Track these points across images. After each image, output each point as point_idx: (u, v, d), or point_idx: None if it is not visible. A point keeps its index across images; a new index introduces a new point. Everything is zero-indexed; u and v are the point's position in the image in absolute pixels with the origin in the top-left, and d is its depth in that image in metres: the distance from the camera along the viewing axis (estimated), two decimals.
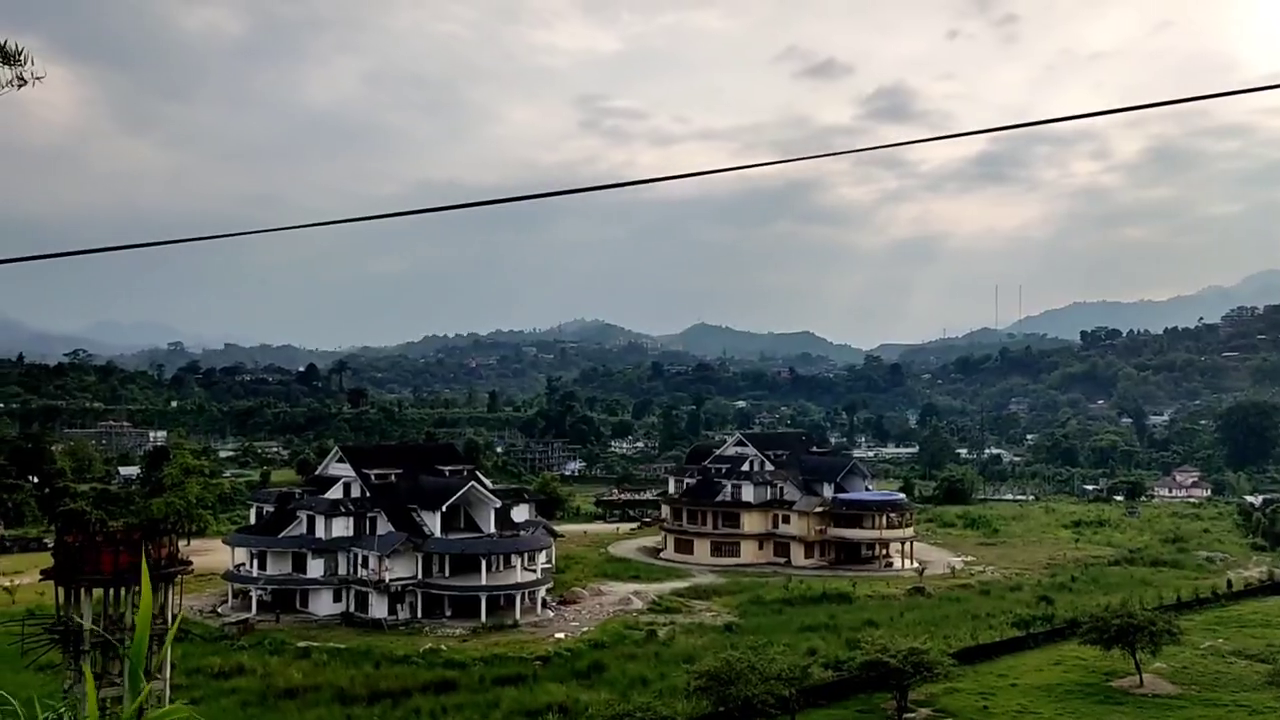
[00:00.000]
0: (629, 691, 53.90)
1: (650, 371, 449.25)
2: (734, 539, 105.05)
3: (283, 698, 54.53)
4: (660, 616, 76.19)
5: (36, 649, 47.39)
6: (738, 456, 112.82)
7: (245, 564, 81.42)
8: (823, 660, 60.08)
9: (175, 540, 51.43)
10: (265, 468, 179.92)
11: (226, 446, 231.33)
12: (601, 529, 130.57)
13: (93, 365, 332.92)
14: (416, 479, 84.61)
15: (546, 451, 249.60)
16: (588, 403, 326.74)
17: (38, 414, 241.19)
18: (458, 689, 56.87)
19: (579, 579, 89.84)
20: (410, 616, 75.88)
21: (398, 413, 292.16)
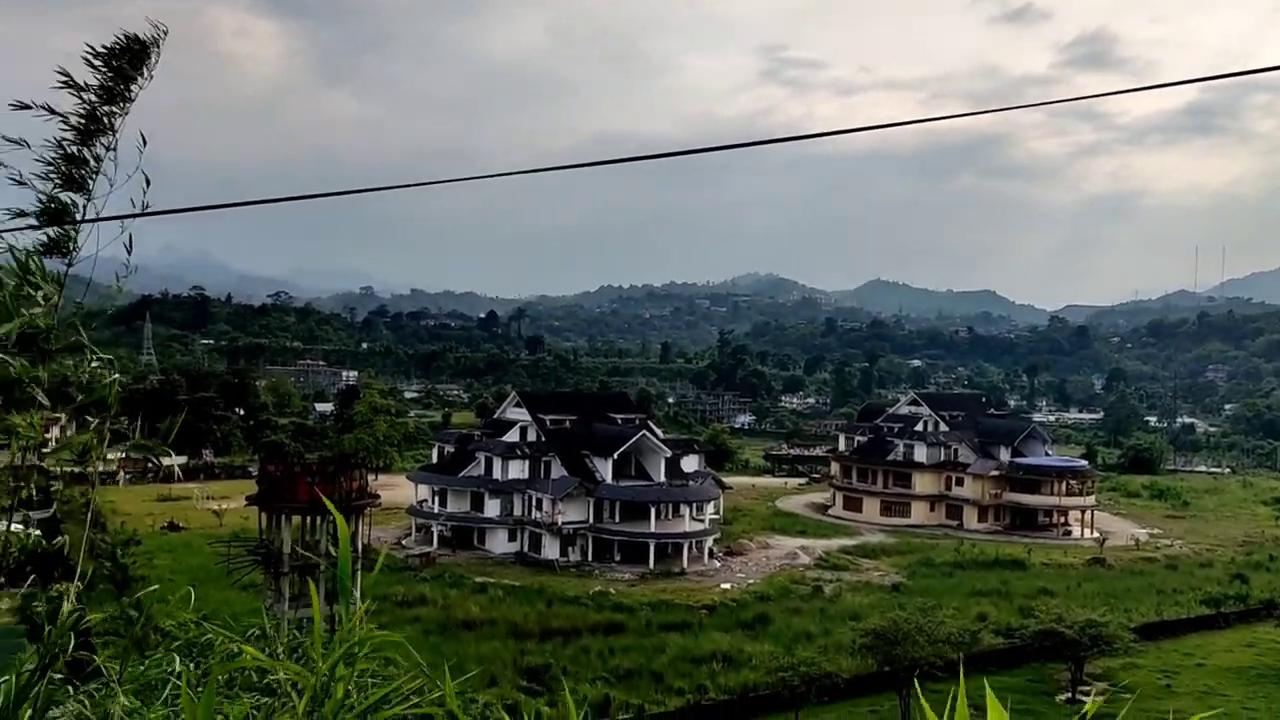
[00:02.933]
0: (793, 645, 54.13)
1: (823, 327, 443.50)
2: (904, 499, 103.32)
3: (461, 629, 57.38)
4: (826, 573, 75.96)
5: (240, 569, 51.39)
6: (911, 416, 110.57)
7: (427, 500, 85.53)
8: (993, 626, 58.78)
9: (364, 474, 54.60)
10: (446, 409, 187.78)
11: (411, 388, 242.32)
12: (769, 483, 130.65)
13: (292, 307, 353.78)
14: (590, 426, 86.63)
15: (717, 404, 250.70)
16: (759, 356, 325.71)
17: (243, 351, 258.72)
18: (625, 632, 58.43)
19: (746, 531, 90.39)
20: (581, 559, 78.19)
21: (573, 361, 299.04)
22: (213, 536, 72.85)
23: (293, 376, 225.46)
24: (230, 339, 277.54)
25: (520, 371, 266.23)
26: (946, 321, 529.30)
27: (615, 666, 52.27)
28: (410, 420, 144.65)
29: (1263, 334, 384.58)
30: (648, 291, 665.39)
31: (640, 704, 47.60)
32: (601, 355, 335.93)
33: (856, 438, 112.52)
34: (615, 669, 52.00)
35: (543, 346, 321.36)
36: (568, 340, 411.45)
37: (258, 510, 51.96)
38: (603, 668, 51.98)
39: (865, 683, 48.90)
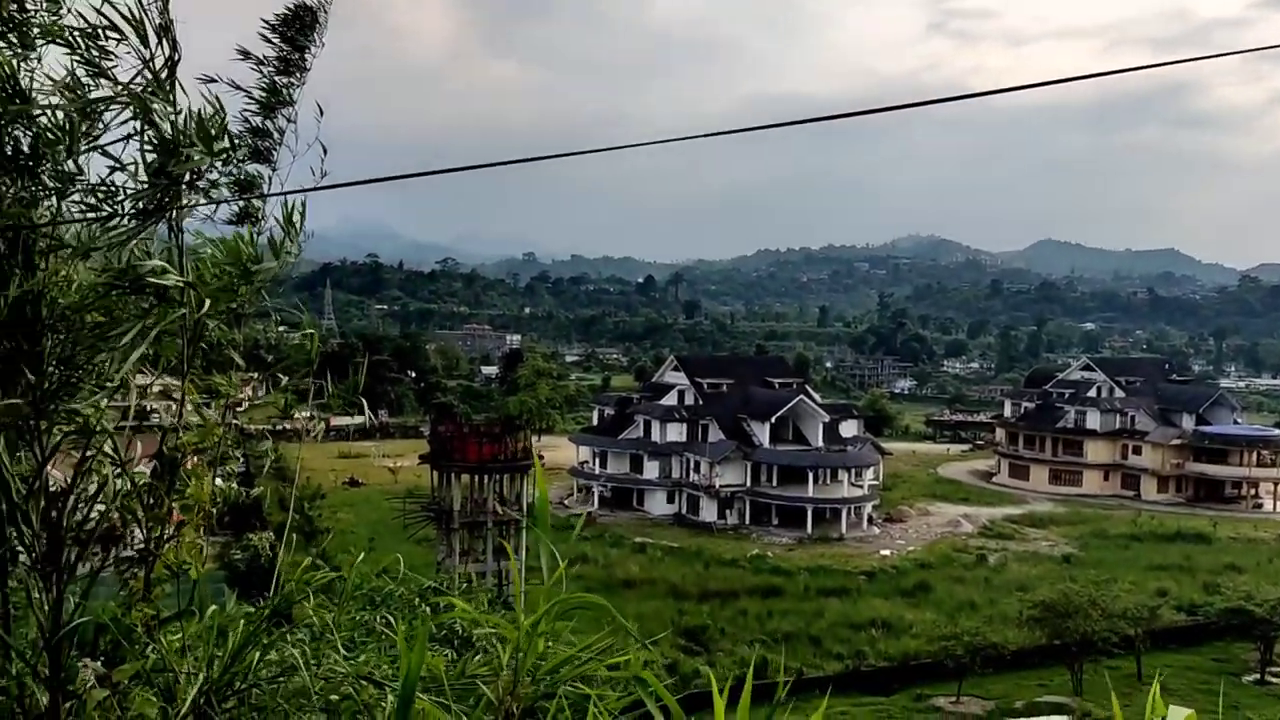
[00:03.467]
0: (956, 615, 53.05)
1: (988, 290, 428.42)
2: (1075, 468, 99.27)
3: (621, 587, 58.54)
4: (991, 542, 73.90)
5: (415, 524, 53.80)
6: (1083, 381, 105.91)
7: (588, 462, 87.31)
8: (1174, 602, 56.02)
9: (528, 435, 56.24)
10: (606, 373, 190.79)
11: (572, 351, 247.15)
12: (930, 449, 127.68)
13: (459, 273, 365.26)
14: (747, 390, 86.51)
15: (876, 368, 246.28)
16: (920, 320, 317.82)
17: (414, 316, 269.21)
18: (783, 595, 58.47)
19: (906, 498, 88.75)
20: (738, 522, 78.46)
21: (729, 325, 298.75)
22: (389, 493, 76.47)
23: (460, 340, 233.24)
24: (402, 304, 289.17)
25: (677, 336, 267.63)
26: (1123, 283, 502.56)
27: (773, 630, 52.40)
28: (571, 383, 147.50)
29: None
30: (805, 255, 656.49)
31: (798, 667, 47.62)
32: (758, 319, 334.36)
33: (1023, 404, 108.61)
34: (773, 632, 52.12)
35: (700, 311, 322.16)
36: (724, 305, 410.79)
37: (429, 468, 54.25)
38: (760, 630, 52.20)
39: (1033, 655, 47.51)
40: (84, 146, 2.80)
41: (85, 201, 2.88)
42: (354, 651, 3.35)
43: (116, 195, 2.89)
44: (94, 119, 2.78)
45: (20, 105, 2.66)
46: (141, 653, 2.82)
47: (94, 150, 2.84)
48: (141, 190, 2.90)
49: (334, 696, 2.98)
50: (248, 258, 3.12)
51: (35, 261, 2.73)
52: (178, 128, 2.83)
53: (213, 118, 3.04)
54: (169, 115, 2.91)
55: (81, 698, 2.72)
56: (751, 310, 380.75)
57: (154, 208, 2.93)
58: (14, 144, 2.72)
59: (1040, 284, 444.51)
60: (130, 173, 2.90)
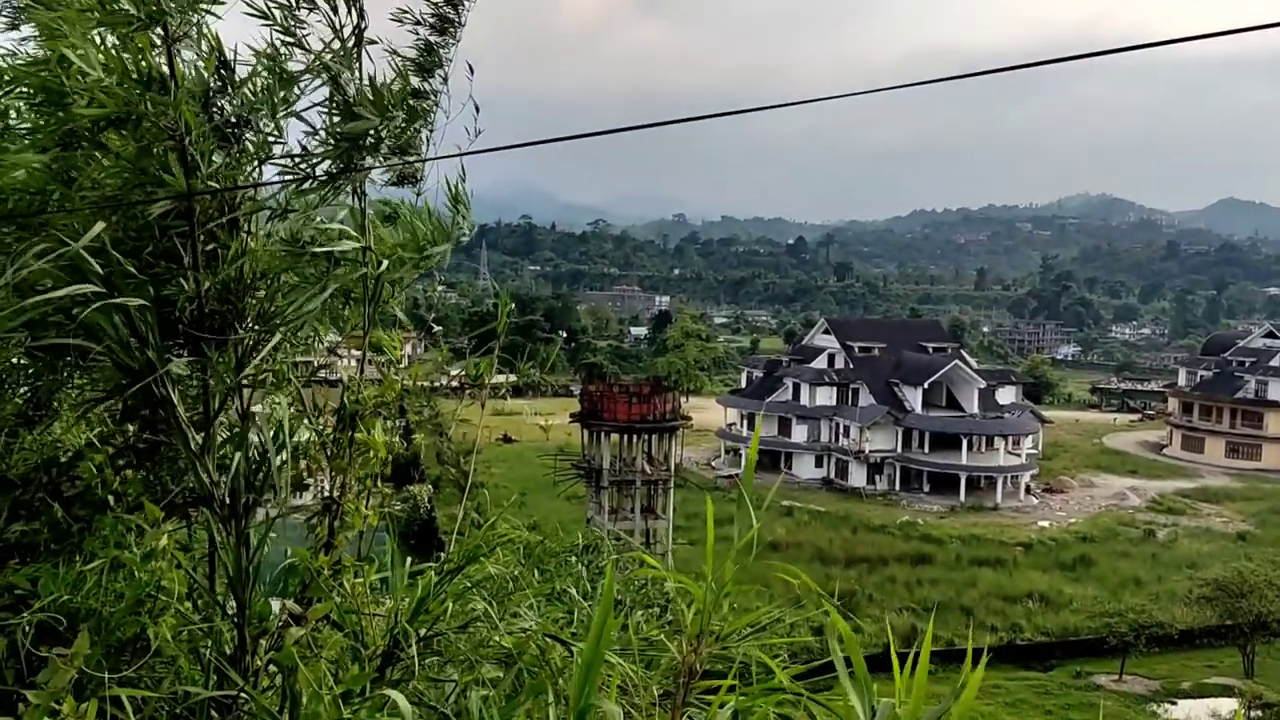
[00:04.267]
0: (1119, 590, 51.06)
1: (1163, 251, 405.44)
2: (1255, 440, 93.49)
3: (768, 549, 58.46)
4: (1160, 516, 70.54)
5: (564, 481, 55.02)
6: (1266, 349, 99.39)
7: (735, 424, 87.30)
8: None
9: (676, 397, 56.56)
10: (755, 335, 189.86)
11: (721, 313, 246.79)
12: (1095, 418, 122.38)
13: (609, 234, 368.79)
14: (899, 354, 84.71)
15: (1037, 333, 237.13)
16: (1086, 284, 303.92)
17: (565, 276, 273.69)
18: (933, 564, 57.40)
19: (1067, 468, 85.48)
20: (888, 488, 77.21)
21: (882, 288, 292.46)
22: (540, 450, 78.31)
23: (610, 301, 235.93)
24: (554, 265, 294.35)
25: (828, 298, 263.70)
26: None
27: (923, 598, 51.52)
28: (719, 345, 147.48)
29: None
30: (963, 215, 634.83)
31: (949, 637, 46.71)
32: (912, 282, 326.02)
33: (1200, 372, 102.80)
34: (922, 600, 51.23)
35: (851, 273, 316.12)
36: (877, 267, 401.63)
37: (579, 427, 55.27)
38: (909, 598, 51.43)
39: (1201, 636, 45.34)
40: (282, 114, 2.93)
41: (281, 166, 3.03)
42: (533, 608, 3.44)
43: (308, 160, 3.03)
44: (290, 87, 2.91)
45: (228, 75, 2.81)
46: (329, 595, 2.98)
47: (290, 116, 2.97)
48: (329, 153, 3.02)
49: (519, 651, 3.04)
50: (424, 239, 3.22)
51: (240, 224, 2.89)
52: (363, 94, 2.94)
53: (391, 83, 3.14)
54: (353, 82, 3.02)
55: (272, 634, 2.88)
56: (905, 273, 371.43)
57: (339, 171, 3.06)
58: (220, 112, 2.87)
59: (1220, 245, 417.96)
60: (321, 139, 3.03)
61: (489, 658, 3.04)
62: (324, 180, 3.04)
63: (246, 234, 2.89)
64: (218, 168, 2.81)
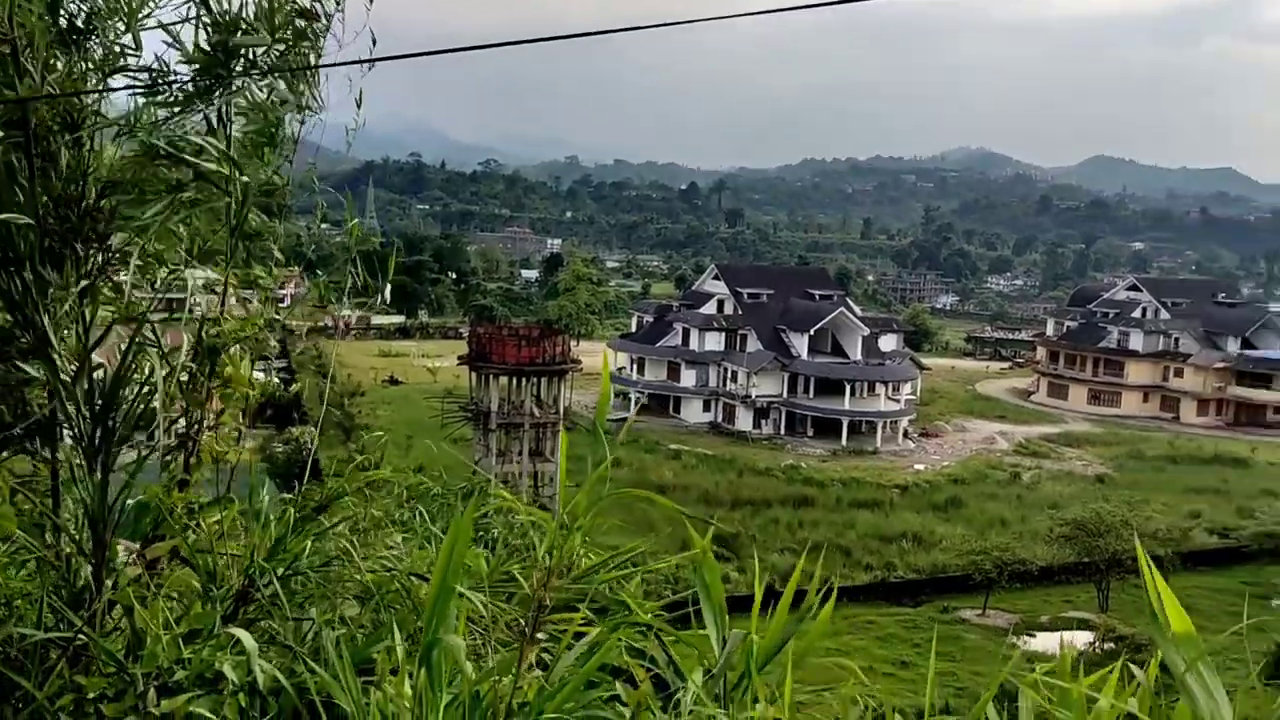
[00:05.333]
0: (986, 530, 53.37)
1: (1037, 206, 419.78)
2: (1115, 388, 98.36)
3: (655, 492, 59.24)
4: (1026, 460, 73.83)
5: (452, 424, 54.59)
6: (1128, 301, 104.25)
7: (626, 368, 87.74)
8: (1207, 525, 55.88)
9: (567, 340, 56.52)
10: (646, 280, 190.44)
11: (613, 257, 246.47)
12: (970, 366, 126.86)
13: (501, 175, 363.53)
14: (787, 301, 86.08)
15: (918, 283, 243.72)
16: (965, 235, 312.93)
17: (455, 217, 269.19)
18: (814, 506, 59.03)
19: (943, 414, 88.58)
20: (773, 432, 78.83)
21: (772, 235, 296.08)
22: (428, 392, 77.45)
23: (500, 243, 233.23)
24: (444, 205, 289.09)
25: (719, 244, 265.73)
26: (1177, 202, 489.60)
27: (804, 539, 52.96)
28: (611, 289, 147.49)
29: None
30: (851, 165, 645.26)
31: (827, 577, 48.19)
32: (801, 230, 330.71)
33: (1067, 322, 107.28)
34: (803, 541, 52.70)
35: (742, 220, 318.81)
36: (767, 214, 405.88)
37: (468, 370, 54.81)
38: (791, 539, 52.81)
39: (1061, 573, 47.84)
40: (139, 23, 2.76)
41: (136, 79, 2.86)
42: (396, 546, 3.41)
43: (167, 75, 2.87)
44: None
45: None
46: (180, 534, 2.89)
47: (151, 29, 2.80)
48: (191, 71, 2.87)
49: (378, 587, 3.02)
50: (273, 120, 3.08)
51: (82, 139, 2.72)
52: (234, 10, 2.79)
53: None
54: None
55: (117, 574, 2.79)
56: (794, 220, 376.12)
57: (203, 88, 2.90)
58: (69, 17, 2.69)
59: (1091, 201, 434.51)
60: (186, 54, 2.87)
61: (350, 595, 3.00)
62: (182, 97, 2.89)
63: (89, 151, 2.73)
64: (57, 76, 2.64)
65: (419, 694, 2.37)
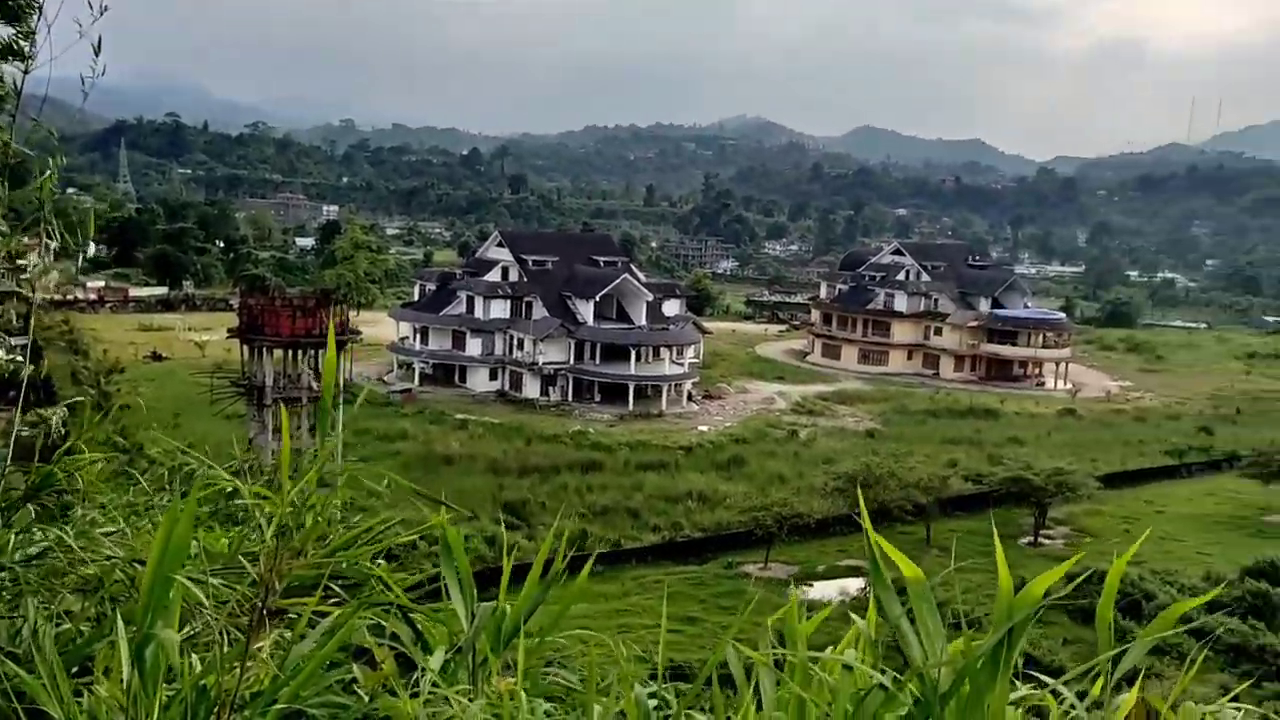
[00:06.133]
0: (767, 487, 55.53)
1: (810, 173, 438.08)
2: (883, 347, 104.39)
3: (441, 464, 58.44)
4: (803, 418, 77.29)
5: (223, 400, 51.82)
6: (893, 265, 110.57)
7: (409, 338, 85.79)
8: (963, 473, 60.22)
9: (345, 310, 54.62)
10: (428, 248, 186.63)
11: (393, 224, 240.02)
12: (750, 329, 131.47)
13: (271, 138, 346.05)
14: (572, 267, 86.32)
15: (700, 249, 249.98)
16: (744, 202, 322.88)
17: (221, 181, 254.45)
18: (603, 470, 59.71)
19: (725, 376, 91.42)
20: (561, 399, 79.15)
21: (556, 201, 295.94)
22: (195, 368, 73.20)
23: (272, 209, 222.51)
24: (208, 169, 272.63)
25: (503, 211, 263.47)
26: (934, 171, 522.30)
27: (593, 503, 53.62)
28: (392, 257, 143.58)
29: (1251, 189, 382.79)
30: (633, 132, 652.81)
31: (617, 539, 49.05)
32: (585, 196, 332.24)
33: (838, 286, 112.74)
34: (593, 506, 53.35)
35: (526, 186, 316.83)
36: (551, 180, 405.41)
37: (239, 343, 52.09)
38: (580, 504, 53.29)
39: (835, 524, 50.41)
40: None
41: None
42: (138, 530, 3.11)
43: None
44: None
45: None
46: None
47: None
48: None
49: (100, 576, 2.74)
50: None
51: None
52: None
53: None
54: None
55: None
56: (578, 187, 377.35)
57: None
58: None
59: (858, 169, 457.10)
60: None
61: (70, 588, 2.68)
62: None
63: None
64: None
65: (132, 693, 2.13)
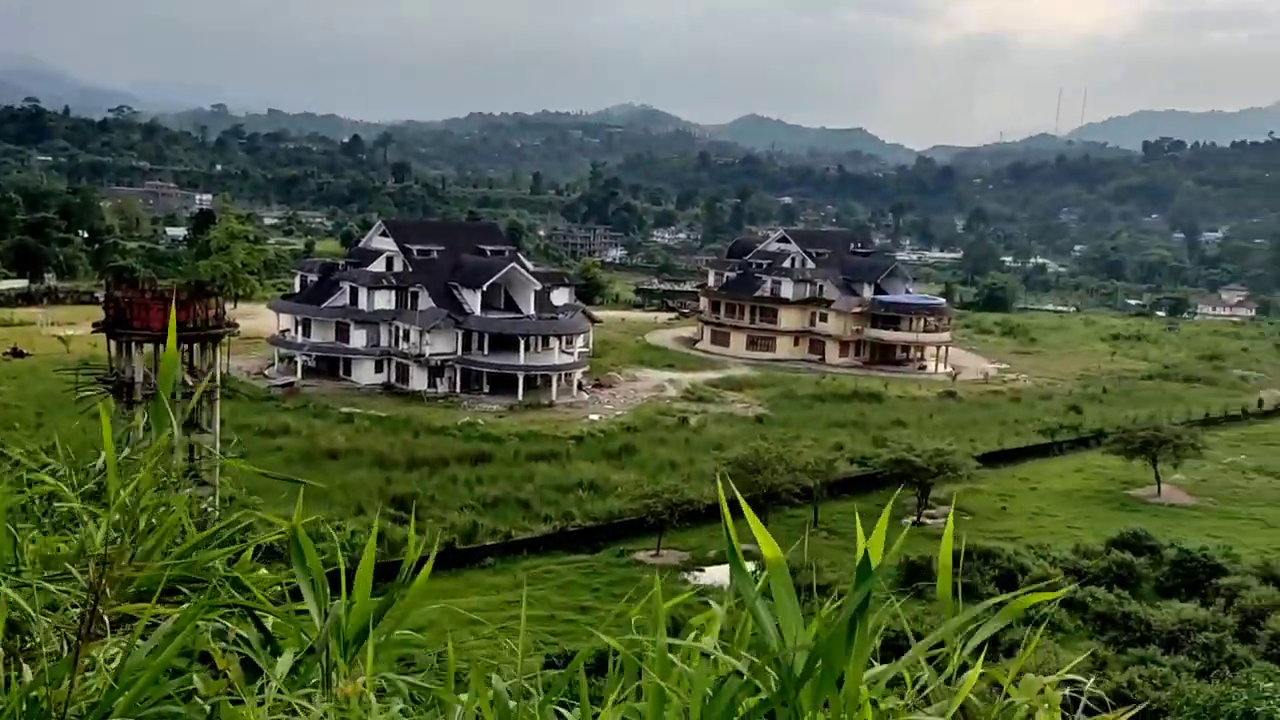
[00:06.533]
0: (658, 474, 55.64)
1: (697, 161, 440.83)
2: (770, 334, 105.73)
3: (326, 458, 56.89)
4: (693, 405, 77.71)
5: (90, 398, 49.31)
6: (780, 252, 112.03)
7: (290, 330, 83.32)
8: (849, 455, 61.38)
9: (221, 302, 52.49)
10: (309, 237, 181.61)
11: (271, 213, 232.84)
12: (639, 317, 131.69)
13: (137, 123, 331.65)
14: (459, 257, 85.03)
15: (589, 237, 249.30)
16: (632, 190, 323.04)
17: (84, 169, 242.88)
18: (493, 461, 59.00)
19: (615, 364, 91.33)
20: (449, 391, 77.94)
21: (441, 190, 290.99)
22: (60, 364, 69.60)
23: (141, 198, 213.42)
24: (69, 156, 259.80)
25: (386, 199, 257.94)
26: (818, 159, 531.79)
27: (483, 495, 52.92)
28: (270, 247, 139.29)
29: (1114, 178, 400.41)
30: (520, 120, 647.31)
31: (508, 530, 48.48)
32: (471, 185, 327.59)
33: (726, 273, 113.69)
34: (483, 497, 52.65)
35: (409, 174, 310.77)
36: (436, 168, 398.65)
37: (106, 337, 49.64)
38: (470, 496, 52.58)
39: None
40: None
41: None
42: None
43: None
44: None
45: None
46: None
47: None
48: None
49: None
50: None
51: None
52: None
53: None
54: None
55: None
56: (464, 175, 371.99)
57: None
58: None
59: (744, 157, 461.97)
60: None
61: None
62: None
63: None
64: None
65: None
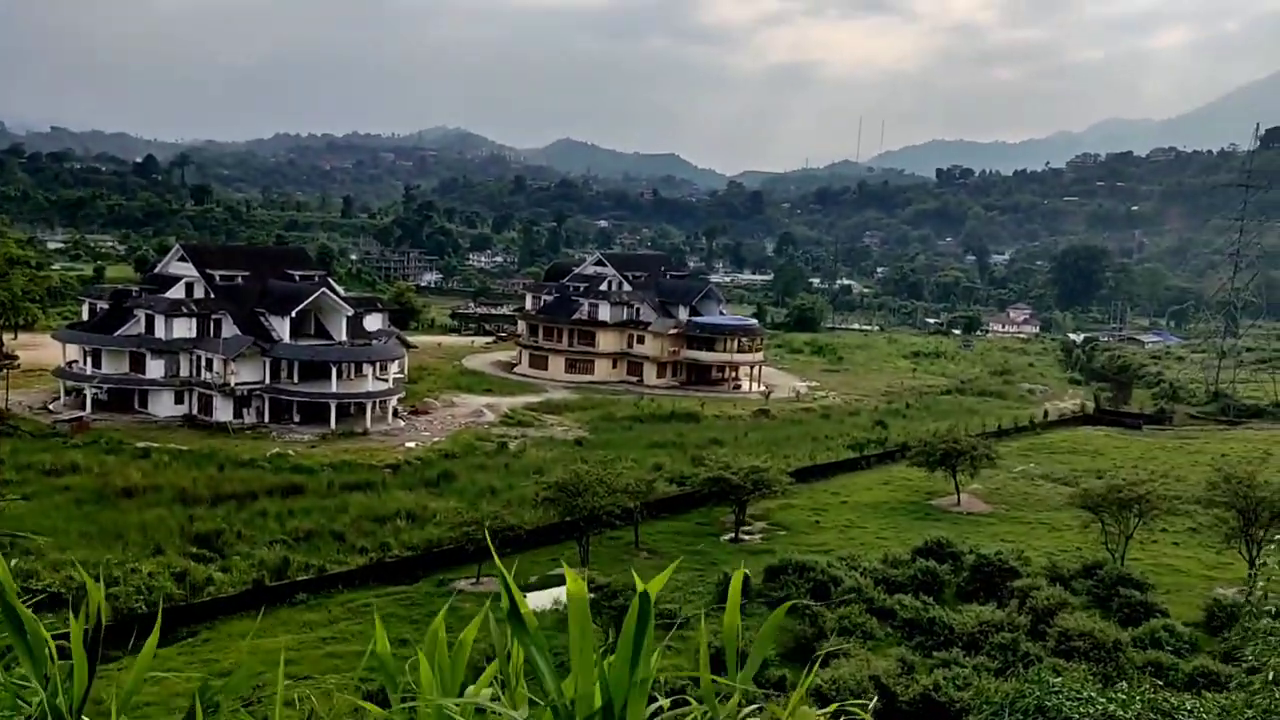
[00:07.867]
0: (478, 500, 54.77)
1: (512, 185, 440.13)
2: (588, 357, 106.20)
3: (121, 496, 53.37)
4: (512, 429, 77.07)
5: None
6: (596, 276, 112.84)
7: (78, 361, 78.00)
8: (668, 475, 62.09)
9: (0, 333, 48.66)
10: (99, 263, 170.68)
11: (55, 238, 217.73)
12: (456, 341, 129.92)
13: None
14: (265, 282, 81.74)
15: (402, 261, 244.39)
16: (446, 213, 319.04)
17: None
18: (305, 493, 56.73)
19: (431, 390, 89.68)
20: (257, 421, 74.65)
21: (245, 213, 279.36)
22: None
23: None
24: None
25: (185, 223, 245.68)
26: (633, 183, 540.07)
27: (294, 529, 50.77)
28: (55, 274, 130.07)
29: (910, 203, 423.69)
30: (328, 142, 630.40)
31: (321, 564, 46.66)
32: (277, 208, 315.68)
33: (543, 297, 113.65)
34: (294, 531, 50.52)
35: (210, 196, 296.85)
36: (239, 191, 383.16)
37: None
38: (281, 530, 50.35)
39: (548, 533, 50.47)
40: None
41: None
42: None
43: None
44: None
45: None
46: None
47: None
48: None
49: None
50: None
51: None
52: None
53: None
54: None
55: None
56: (269, 198, 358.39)
57: None
58: None
59: (560, 181, 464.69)
60: None
61: None
62: None
63: None
64: None
65: None
